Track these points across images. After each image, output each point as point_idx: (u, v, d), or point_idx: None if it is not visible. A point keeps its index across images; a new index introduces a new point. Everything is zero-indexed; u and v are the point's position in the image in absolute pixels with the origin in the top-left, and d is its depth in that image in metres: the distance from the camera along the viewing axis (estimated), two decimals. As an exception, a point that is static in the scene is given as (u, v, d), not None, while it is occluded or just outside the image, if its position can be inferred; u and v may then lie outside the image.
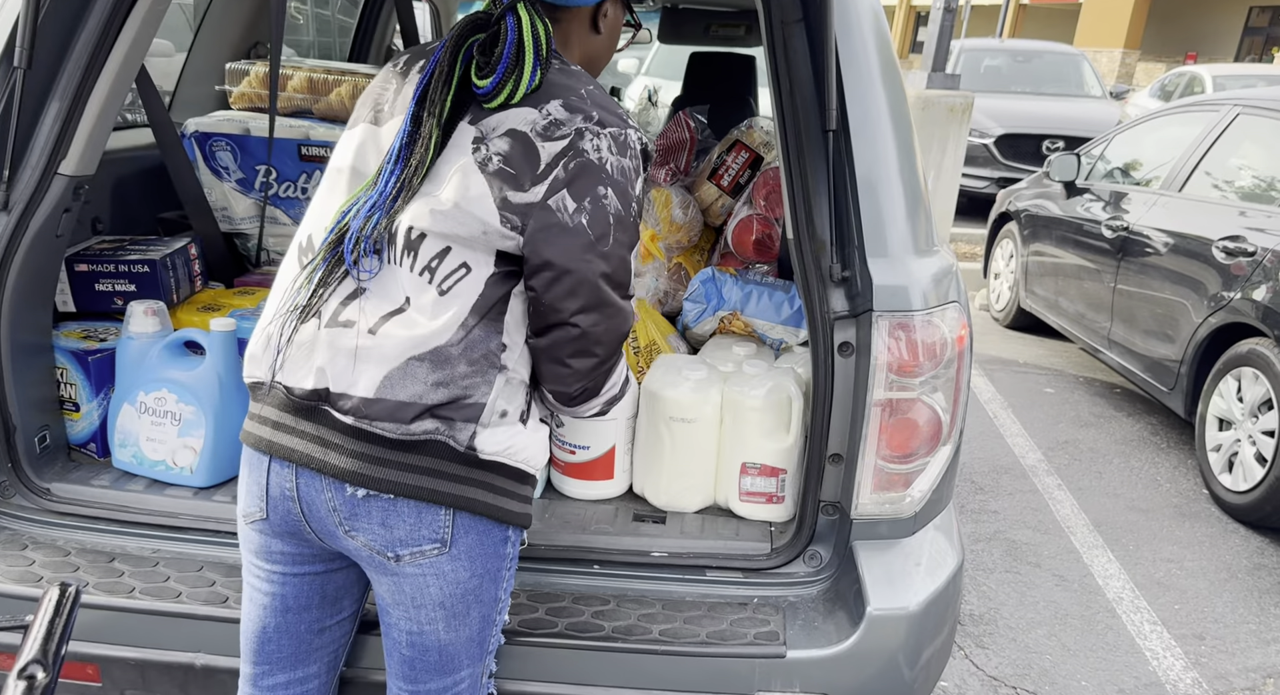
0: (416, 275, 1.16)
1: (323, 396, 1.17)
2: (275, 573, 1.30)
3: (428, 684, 1.30)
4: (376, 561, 1.22)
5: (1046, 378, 4.95)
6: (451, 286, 1.16)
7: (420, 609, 1.24)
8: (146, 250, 1.99)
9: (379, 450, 1.16)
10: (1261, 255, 3.33)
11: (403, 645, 1.28)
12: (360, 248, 1.15)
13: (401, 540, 1.19)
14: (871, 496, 1.56)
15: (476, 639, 1.30)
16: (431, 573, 1.21)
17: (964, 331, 1.56)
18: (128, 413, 1.74)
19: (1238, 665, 2.59)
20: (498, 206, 1.14)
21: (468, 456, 1.19)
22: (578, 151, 1.15)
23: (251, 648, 1.35)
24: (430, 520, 1.19)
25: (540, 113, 1.16)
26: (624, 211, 1.18)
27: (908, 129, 1.58)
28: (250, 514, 1.28)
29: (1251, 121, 3.91)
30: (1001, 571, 3.00)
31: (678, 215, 2.30)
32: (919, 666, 1.50)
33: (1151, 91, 12.23)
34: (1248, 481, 3.31)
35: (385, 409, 1.15)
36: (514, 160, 1.14)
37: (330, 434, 1.17)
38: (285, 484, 1.22)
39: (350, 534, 1.21)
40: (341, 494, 1.19)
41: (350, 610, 1.40)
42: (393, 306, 1.17)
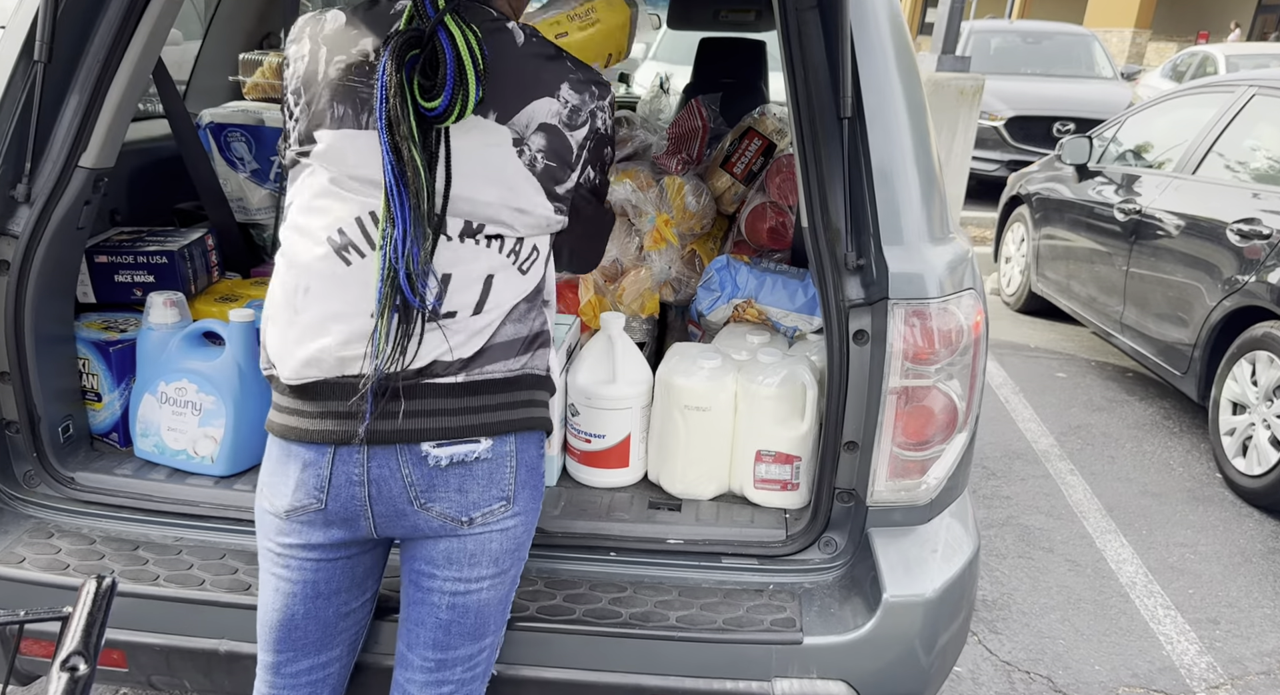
0: (504, 256, 1.24)
1: (422, 372, 1.21)
2: (309, 560, 1.31)
3: (457, 650, 1.33)
4: (449, 528, 1.27)
5: (1058, 362, 4.93)
6: (530, 267, 1.27)
7: (475, 567, 1.29)
8: (164, 241, 2.00)
9: (484, 397, 1.25)
10: (1277, 238, 3.31)
11: (442, 608, 1.31)
12: (417, 283, 1.14)
13: (475, 503, 1.26)
14: (887, 484, 1.56)
15: (505, 601, 1.36)
16: (497, 529, 1.29)
17: (980, 318, 1.56)
18: (149, 403, 1.76)
19: (1252, 649, 2.59)
20: (550, 200, 1.24)
21: (546, 379, 1.34)
22: (596, 133, 1.27)
23: (276, 636, 1.35)
24: (500, 479, 1.27)
25: (559, 102, 1.22)
26: (612, 153, 1.35)
27: (923, 115, 1.57)
28: (302, 507, 1.26)
29: (1268, 102, 3.87)
30: (1014, 557, 3.01)
31: (690, 203, 2.30)
32: (935, 652, 1.51)
33: (1163, 72, 12.10)
34: (1262, 465, 3.30)
35: (494, 354, 1.25)
36: (553, 154, 1.23)
37: (433, 402, 1.22)
38: (354, 470, 1.23)
39: (425, 506, 1.25)
40: (422, 467, 1.23)
41: (373, 590, 1.42)
42: (481, 287, 1.23)
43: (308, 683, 1.39)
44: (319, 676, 1.39)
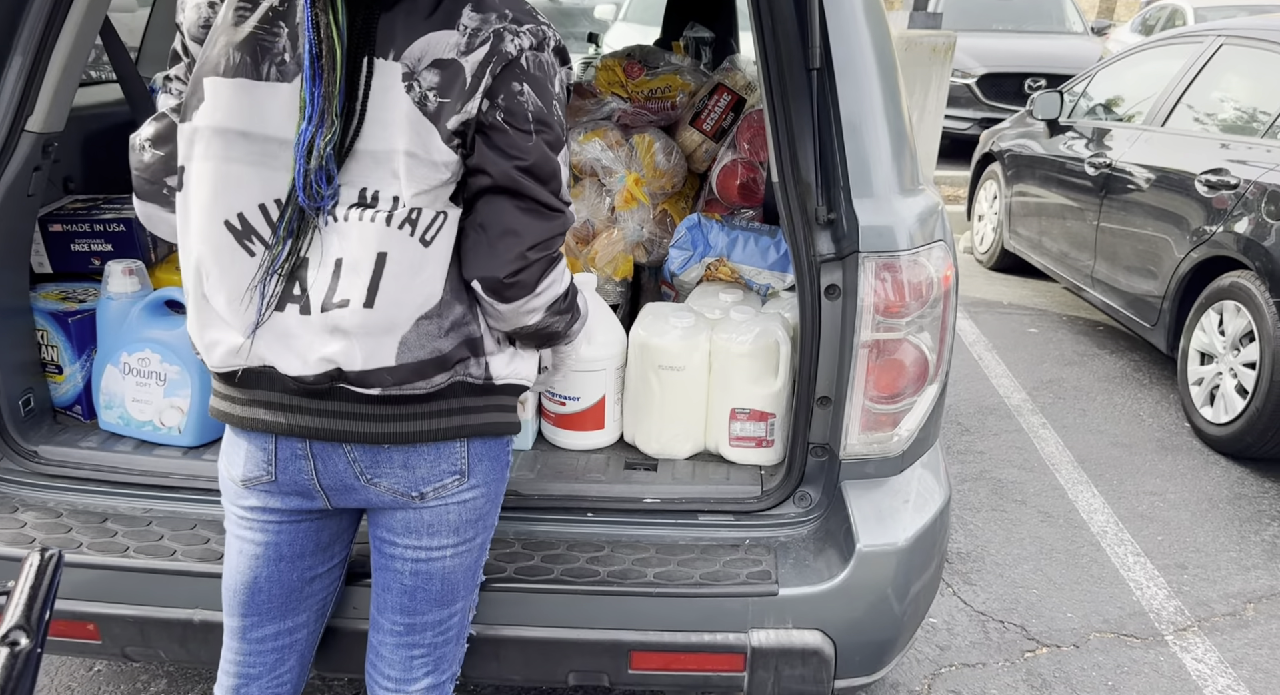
0: (395, 229, 1.11)
1: (335, 377, 1.16)
2: (269, 522, 1.30)
3: (426, 615, 1.33)
4: (400, 502, 1.25)
5: (1030, 318, 4.98)
6: (434, 237, 1.13)
7: (435, 535, 1.28)
8: (122, 209, 1.95)
9: (410, 408, 1.20)
10: (1244, 188, 3.33)
11: (405, 575, 1.30)
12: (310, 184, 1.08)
13: (424, 478, 1.24)
14: (860, 437, 1.57)
15: (473, 567, 1.35)
16: (454, 501, 1.27)
17: (949, 271, 1.56)
18: (111, 374, 1.73)
19: (1218, 592, 2.66)
20: (444, 141, 1.10)
21: (485, 386, 1.25)
22: (501, 54, 1.10)
23: (240, 600, 1.34)
24: (448, 454, 1.24)
25: (459, 31, 1.10)
26: (544, 108, 1.14)
27: (892, 67, 1.56)
28: (254, 478, 1.26)
29: (1235, 52, 3.88)
30: (988, 510, 3.06)
31: (660, 161, 2.28)
32: (908, 600, 1.53)
33: (1133, 26, 12.10)
34: (1229, 413, 3.36)
35: (412, 371, 1.17)
36: (446, 89, 1.09)
37: (355, 407, 1.18)
38: (297, 446, 1.22)
39: (372, 482, 1.23)
40: (361, 446, 1.21)
41: (341, 555, 1.40)
42: (371, 269, 1.11)
43: (274, 648, 1.37)
44: (285, 642, 1.38)
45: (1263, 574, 2.74)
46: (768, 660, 1.48)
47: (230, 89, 1.09)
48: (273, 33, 1.09)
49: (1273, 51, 3.63)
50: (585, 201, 2.33)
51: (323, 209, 1.11)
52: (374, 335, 1.14)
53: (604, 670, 1.52)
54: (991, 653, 2.37)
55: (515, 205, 1.15)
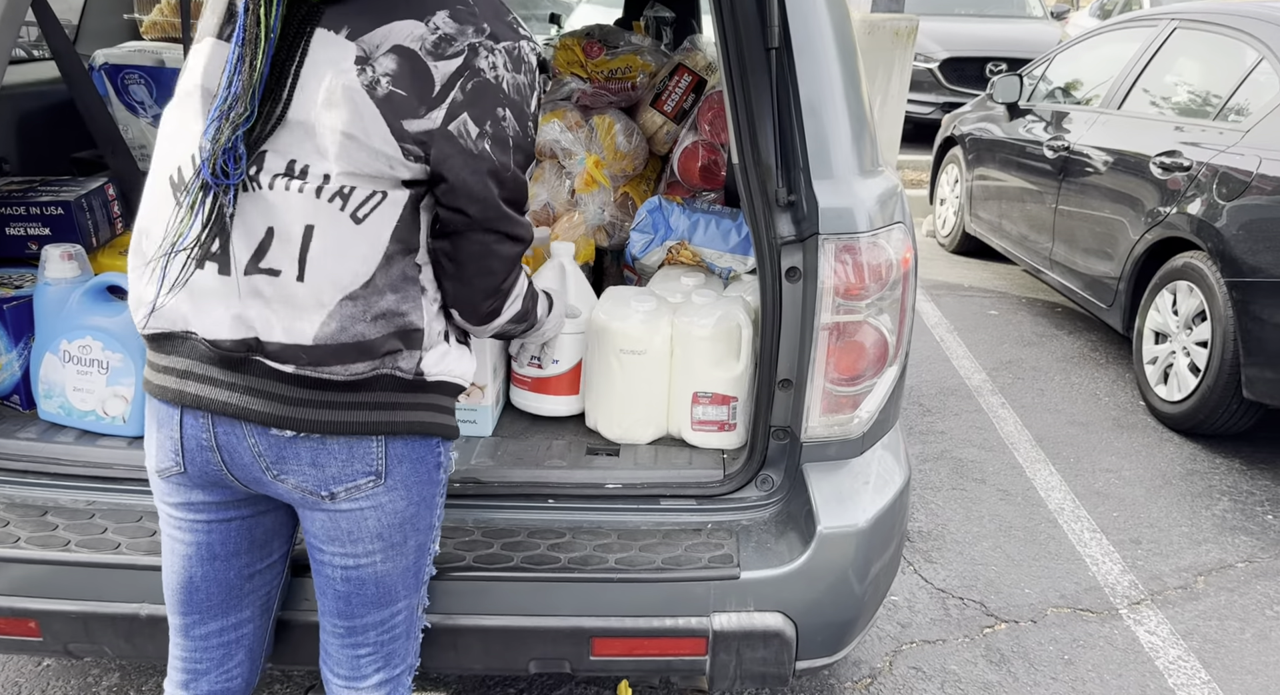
0: (325, 202, 1.07)
1: (251, 347, 1.11)
2: (198, 521, 1.26)
3: (364, 617, 1.29)
4: (310, 501, 1.20)
5: (991, 300, 5.04)
6: (368, 214, 1.09)
7: (358, 543, 1.22)
8: (59, 191, 1.88)
9: (326, 395, 1.13)
10: (1196, 169, 3.39)
11: (337, 581, 1.26)
12: (215, 164, 1.05)
13: (335, 477, 1.17)
14: (820, 419, 1.57)
15: (413, 569, 1.30)
16: (369, 505, 1.20)
17: (909, 252, 1.55)
18: (51, 362, 1.67)
19: (1170, 565, 2.72)
20: (395, 137, 1.07)
21: (416, 382, 1.19)
22: (474, 71, 1.08)
23: (179, 598, 1.31)
24: (363, 453, 1.17)
25: (427, 26, 1.07)
26: (521, 133, 1.15)
27: (851, 47, 1.54)
28: (165, 469, 1.22)
29: (1188, 36, 3.93)
30: (948, 489, 3.09)
31: (621, 143, 2.25)
32: (868, 580, 1.54)
33: (1091, 10, 12.25)
34: (1182, 391, 3.43)
35: (329, 353, 1.11)
36: (404, 82, 1.06)
37: (267, 384, 1.12)
38: (202, 435, 1.16)
39: (279, 478, 1.18)
40: (266, 437, 1.15)
41: (280, 552, 1.37)
42: (300, 240, 1.08)
43: (219, 645, 1.34)
44: (230, 638, 1.35)
45: (1213, 548, 2.81)
46: (729, 643, 1.48)
47: (203, 48, 1.12)
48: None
49: (1223, 35, 3.69)
50: (545, 184, 2.30)
51: (230, 186, 1.07)
52: (296, 309, 1.10)
53: (565, 657, 1.51)
54: (951, 629, 2.40)
55: (493, 241, 1.18)
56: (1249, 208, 3.12)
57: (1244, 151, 3.22)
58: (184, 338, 1.14)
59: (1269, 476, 3.24)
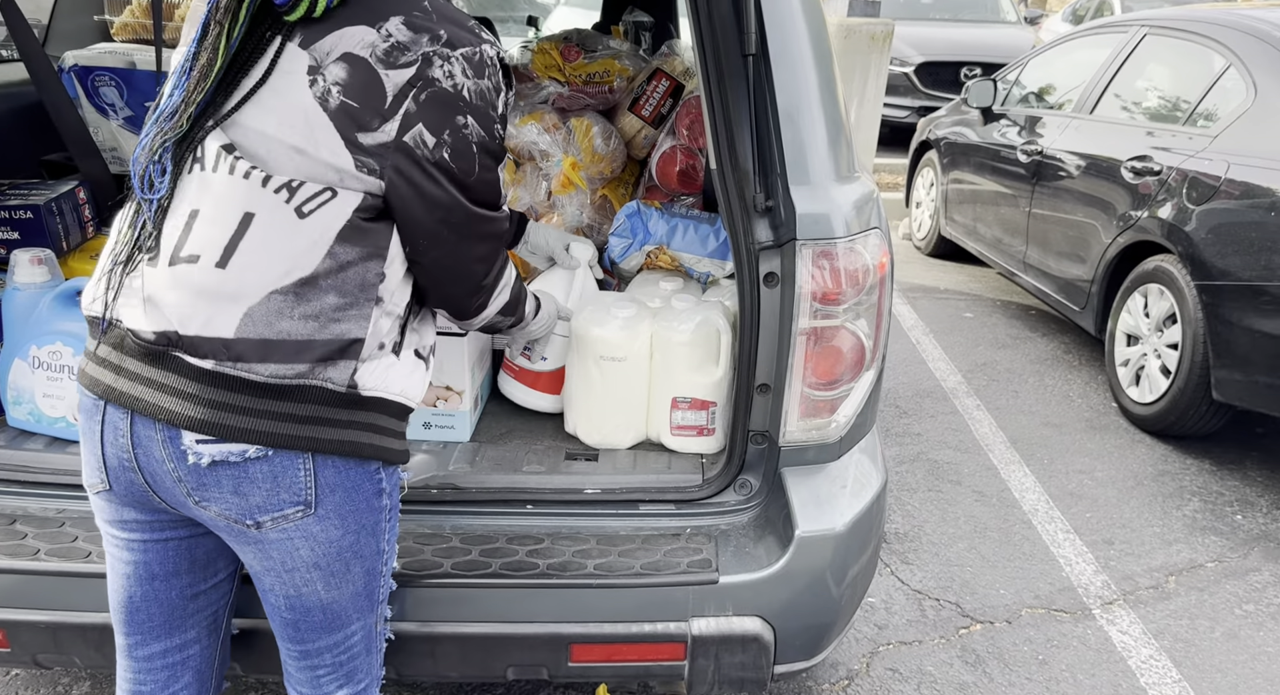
0: (271, 191, 1.04)
1: (172, 341, 1.05)
2: (134, 540, 1.21)
3: (316, 642, 1.24)
4: (235, 530, 1.13)
5: (966, 303, 5.08)
6: (314, 210, 1.05)
7: (293, 573, 1.16)
8: (29, 195, 1.85)
9: (242, 398, 1.06)
10: (1167, 174, 3.44)
11: (282, 609, 1.21)
12: (146, 171, 1.05)
13: (259, 507, 1.11)
14: (799, 424, 1.58)
15: (364, 593, 1.24)
16: (299, 535, 1.13)
17: (885, 257, 1.56)
18: (20, 368, 1.64)
19: (1142, 566, 2.75)
20: (348, 149, 1.04)
21: (349, 396, 1.11)
22: (428, 81, 1.05)
23: (120, 618, 1.27)
24: (289, 483, 1.10)
25: (379, 34, 1.04)
26: (488, 136, 1.12)
27: (828, 55, 1.55)
28: (93, 485, 1.18)
29: (1158, 42, 3.99)
30: (924, 491, 3.12)
31: (599, 145, 2.25)
32: (846, 584, 1.54)
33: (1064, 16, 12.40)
34: (1153, 393, 3.48)
35: (249, 349, 1.05)
36: (355, 92, 1.03)
37: (183, 381, 1.05)
38: (123, 455, 1.11)
39: (201, 504, 1.12)
40: (184, 463, 1.08)
41: (226, 572, 1.32)
42: (233, 228, 1.04)
43: (164, 666, 1.30)
44: (176, 660, 1.30)
45: (1183, 548, 2.85)
46: (708, 648, 1.48)
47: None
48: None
49: (1192, 42, 3.75)
50: (525, 186, 2.29)
51: (151, 203, 1.06)
52: (217, 299, 1.05)
53: (543, 664, 1.50)
54: (928, 630, 2.42)
55: (469, 244, 1.17)
56: (1218, 212, 3.17)
57: (1213, 157, 3.28)
58: (110, 324, 1.11)
59: (1238, 477, 3.30)
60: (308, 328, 1.07)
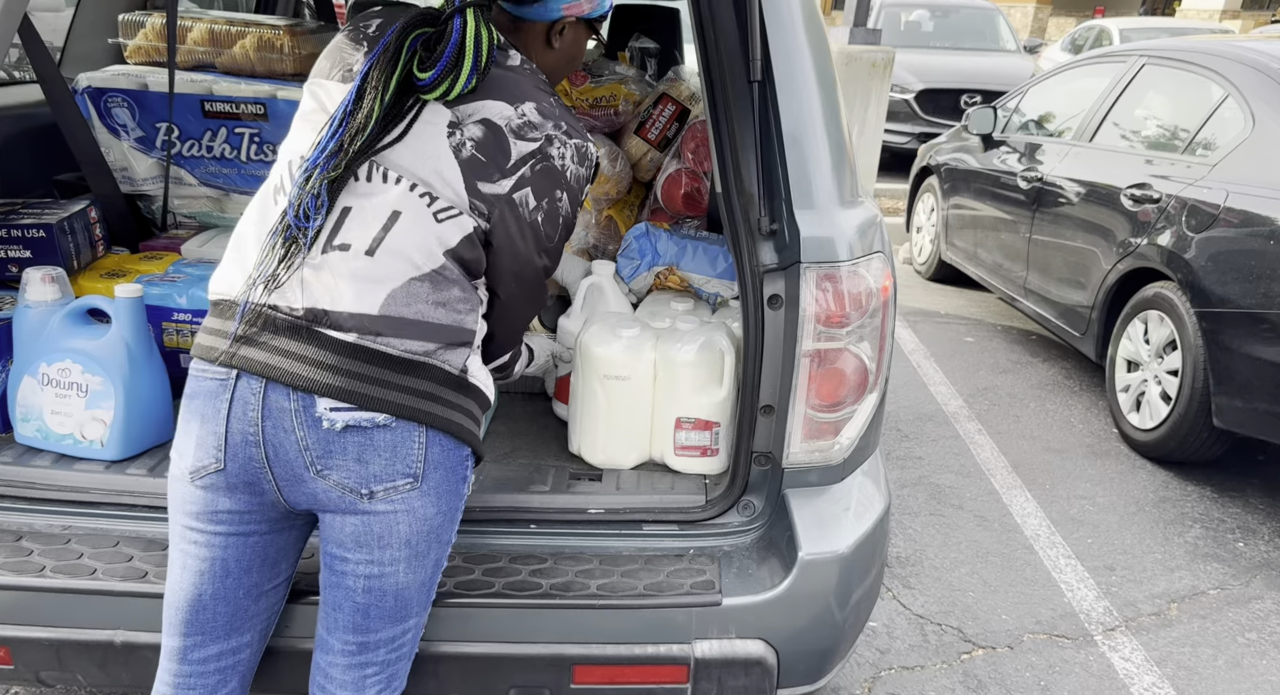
0: (416, 196, 1.21)
1: (317, 317, 1.18)
2: (218, 534, 1.27)
3: (379, 633, 1.30)
4: (347, 501, 1.23)
5: (967, 327, 5.10)
6: (446, 218, 1.22)
7: (386, 549, 1.25)
8: (41, 214, 1.87)
9: (378, 370, 1.19)
10: (1166, 202, 3.47)
11: (358, 592, 1.28)
12: (302, 207, 1.19)
13: (376, 476, 1.21)
14: (802, 445, 1.58)
15: (428, 583, 1.33)
16: (403, 508, 1.24)
17: (888, 281, 1.58)
18: (29, 385, 1.65)
19: (1144, 592, 2.75)
20: (467, 192, 1.22)
21: (460, 380, 1.27)
22: (545, 156, 1.26)
23: (183, 618, 1.30)
24: (405, 454, 1.22)
25: (515, 111, 1.25)
26: (571, 215, 1.34)
27: (831, 81, 1.58)
28: (202, 468, 1.23)
29: (1157, 71, 4.04)
30: (926, 515, 3.11)
31: (605, 167, 2.27)
32: (849, 607, 1.54)
33: (1063, 45, 12.54)
34: (1154, 419, 3.49)
35: (390, 325, 1.19)
36: (486, 149, 1.23)
37: (324, 353, 1.18)
38: (249, 429, 1.20)
39: (322, 473, 1.21)
40: (317, 430, 1.19)
41: (286, 574, 1.37)
42: (383, 222, 1.20)
43: (216, 670, 1.33)
44: (228, 663, 1.33)
45: (1185, 574, 2.84)
46: (711, 671, 1.48)
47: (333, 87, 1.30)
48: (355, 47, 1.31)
49: (1191, 72, 3.79)
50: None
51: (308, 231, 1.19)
52: (365, 281, 1.19)
53: (545, 685, 1.50)
54: (929, 655, 2.41)
55: (529, 295, 1.37)
56: (1217, 240, 3.20)
57: (1211, 185, 3.30)
58: (247, 306, 1.21)
59: (1239, 504, 3.29)
60: (438, 313, 1.23)
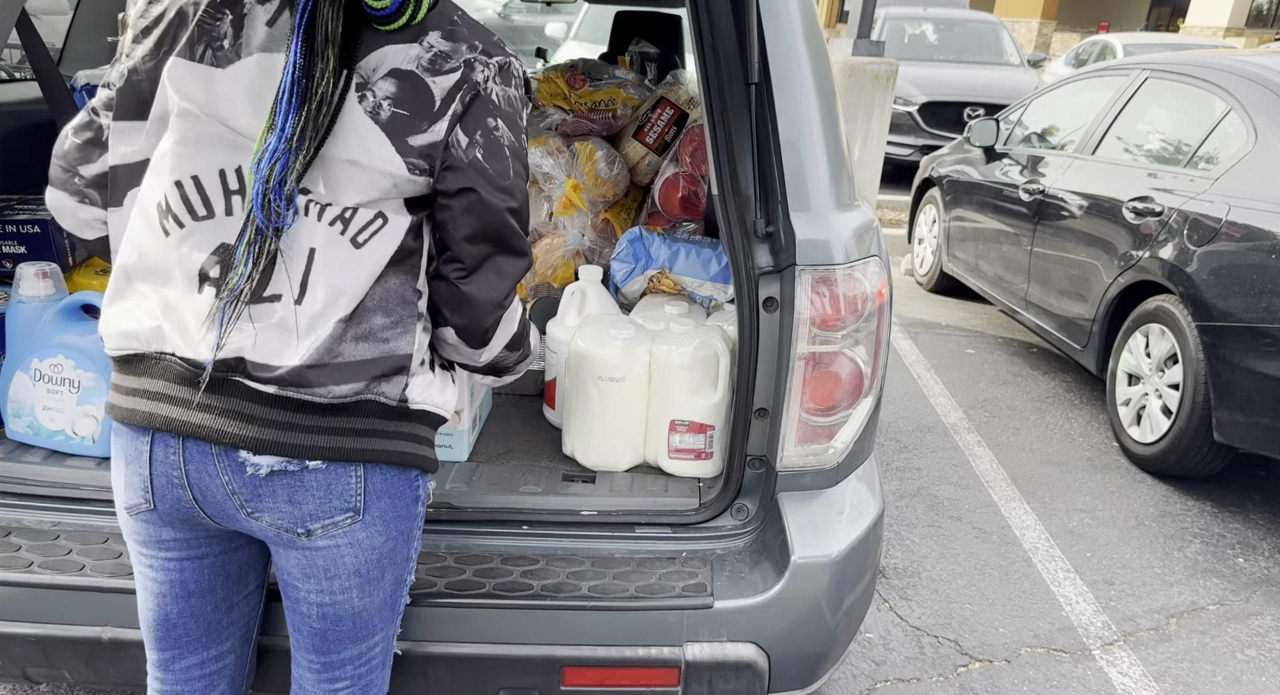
0: (326, 225, 1.08)
1: (233, 367, 1.08)
2: (170, 559, 1.22)
3: (341, 653, 1.26)
4: (285, 539, 1.17)
5: (967, 339, 5.09)
6: (368, 240, 1.09)
7: (334, 580, 1.19)
8: (36, 210, 1.87)
9: (307, 417, 1.10)
10: (1168, 215, 3.46)
11: (313, 618, 1.23)
12: (270, 203, 1.04)
13: (311, 514, 1.14)
14: (796, 449, 1.57)
15: (389, 602, 1.27)
16: (346, 541, 1.17)
17: (884, 285, 1.57)
18: (21, 381, 1.65)
19: (1143, 607, 2.72)
20: (400, 154, 1.08)
21: (400, 410, 1.17)
22: (471, 84, 1.10)
23: (156, 635, 1.27)
24: (341, 491, 1.14)
25: (421, 46, 1.09)
26: (517, 143, 1.16)
27: (829, 85, 1.58)
28: (135, 506, 1.18)
29: (1160, 85, 4.04)
30: (924, 526, 3.09)
31: (602, 169, 2.27)
32: (841, 613, 1.53)
33: (1066, 60, 12.58)
34: (1154, 433, 3.47)
35: (314, 373, 1.09)
36: (405, 102, 1.08)
37: (245, 405, 1.09)
38: (172, 472, 1.12)
39: (253, 515, 1.14)
40: (241, 475, 1.11)
41: (256, 583, 1.34)
42: (302, 262, 1.08)
43: (201, 676, 1.31)
44: (212, 670, 1.32)
45: (1184, 589, 2.82)
46: (702, 674, 1.46)
47: (179, 70, 1.07)
48: (215, 18, 1.08)
49: (1194, 86, 3.79)
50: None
51: (283, 228, 1.05)
52: (289, 331, 1.09)
53: (535, 687, 1.49)
54: (926, 668, 2.39)
55: (499, 253, 1.16)
56: (1219, 254, 3.19)
57: (1214, 199, 3.30)
58: (156, 358, 1.11)
59: (1239, 520, 3.27)
60: (362, 349, 1.11)
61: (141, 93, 1.10)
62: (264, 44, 1.06)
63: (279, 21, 1.07)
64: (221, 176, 1.09)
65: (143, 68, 1.10)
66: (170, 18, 1.09)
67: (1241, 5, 18.46)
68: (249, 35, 1.07)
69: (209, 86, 1.06)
